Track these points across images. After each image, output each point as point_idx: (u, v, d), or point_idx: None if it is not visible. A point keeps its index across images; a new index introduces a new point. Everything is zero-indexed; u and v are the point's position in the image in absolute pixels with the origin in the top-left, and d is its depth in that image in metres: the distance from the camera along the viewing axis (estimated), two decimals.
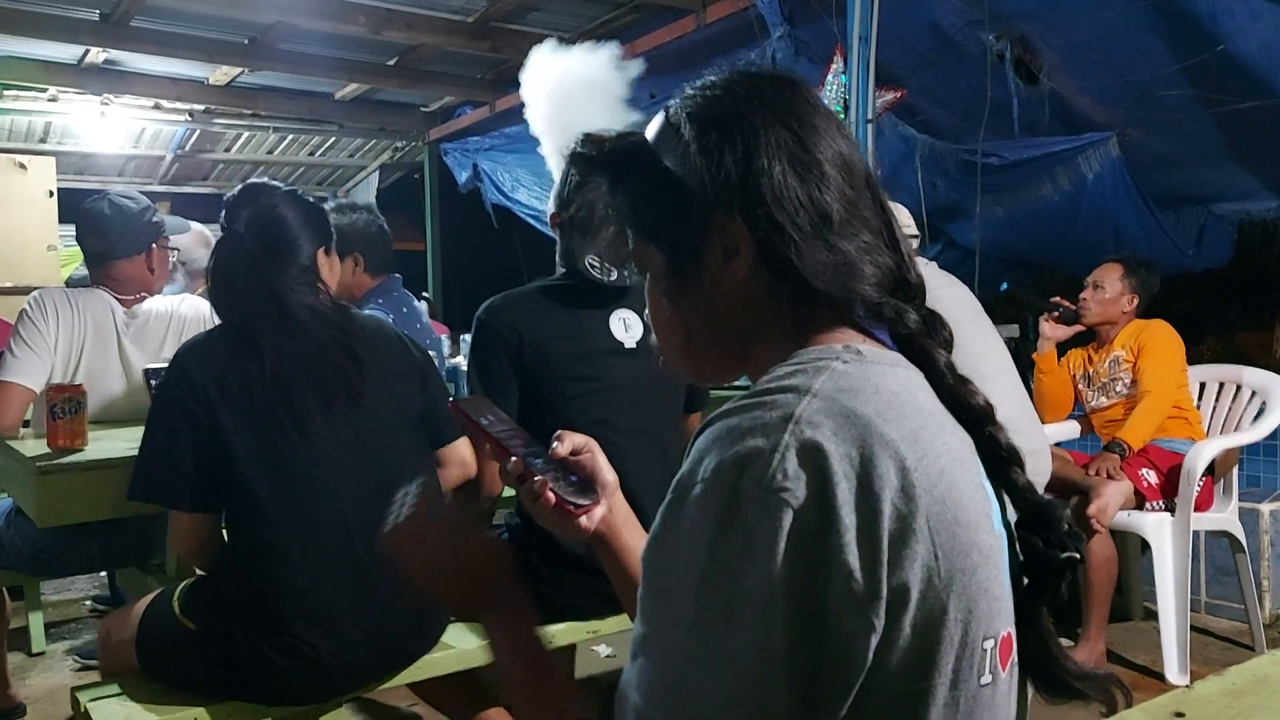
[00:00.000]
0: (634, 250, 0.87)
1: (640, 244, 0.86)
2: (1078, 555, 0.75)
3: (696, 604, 0.65)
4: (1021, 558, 0.78)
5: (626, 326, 2.08)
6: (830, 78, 4.00)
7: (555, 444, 1.03)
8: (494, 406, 1.08)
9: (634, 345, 2.07)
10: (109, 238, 2.57)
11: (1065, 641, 0.76)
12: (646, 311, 0.89)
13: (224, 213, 1.86)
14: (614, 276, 2.02)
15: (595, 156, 0.89)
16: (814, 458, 0.64)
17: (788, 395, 0.68)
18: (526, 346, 2.00)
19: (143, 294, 2.64)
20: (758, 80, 0.83)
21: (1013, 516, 0.79)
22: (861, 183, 0.81)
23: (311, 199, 1.96)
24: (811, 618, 0.62)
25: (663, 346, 0.88)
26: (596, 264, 2.00)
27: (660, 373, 2.43)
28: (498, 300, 2.07)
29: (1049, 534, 0.76)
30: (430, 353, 2.93)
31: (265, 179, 2.02)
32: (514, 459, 0.99)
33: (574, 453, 1.03)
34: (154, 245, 2.66)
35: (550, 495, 0.98)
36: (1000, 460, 0.77)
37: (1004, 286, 4.98)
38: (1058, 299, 3.45)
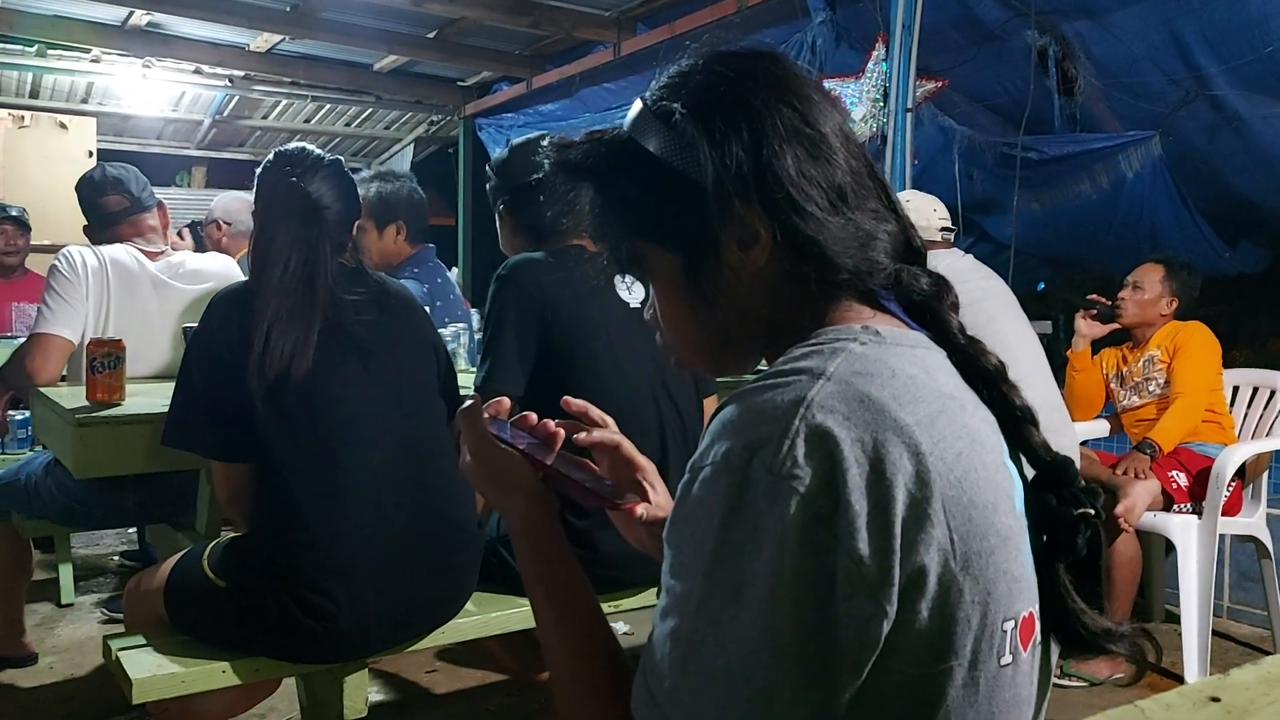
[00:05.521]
0: (638, 255, 0.83)
1: (646, 247, 0.82)
2: (1092, 511, 0.74)
3: (706, 584, 0.65)
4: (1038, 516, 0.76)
5: (629, 288, 2.08)
6: (871, 65, 3.98)
7: (583, 434, 0.99)
8: (498, 418, 0.97)
9: (638, 305, 2.07)
10: (132, 190, 2.70)
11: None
12: (652, 311, 0.86)
13: (274, 161, 1.85)
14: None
15: (575, 161, 0.83)
16: (824, 444, 0.64)
17: (801, 378, 0.68)
18: (548, 306, 2.01)
19: (166, 249, 2.70)
20: (743, 59, 0.80)
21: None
22: (859, 150, 0.80)
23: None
24: (820, 602, 0.63)
25: (679, 345, 0.85)
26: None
27: None
28: (520, 260, 2.08)
29: (1063, 490, 0.75)
30: (460, 325, 2.96)
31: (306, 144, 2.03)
32: (547, 473, 0.93)
33: (602, 447, 1.00)
34: (161, 201, 2.81)
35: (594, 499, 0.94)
36: (1014, 419, 0.77)
37: (1040, 286, 4.93)
38: (1095, 296, 3.42)
